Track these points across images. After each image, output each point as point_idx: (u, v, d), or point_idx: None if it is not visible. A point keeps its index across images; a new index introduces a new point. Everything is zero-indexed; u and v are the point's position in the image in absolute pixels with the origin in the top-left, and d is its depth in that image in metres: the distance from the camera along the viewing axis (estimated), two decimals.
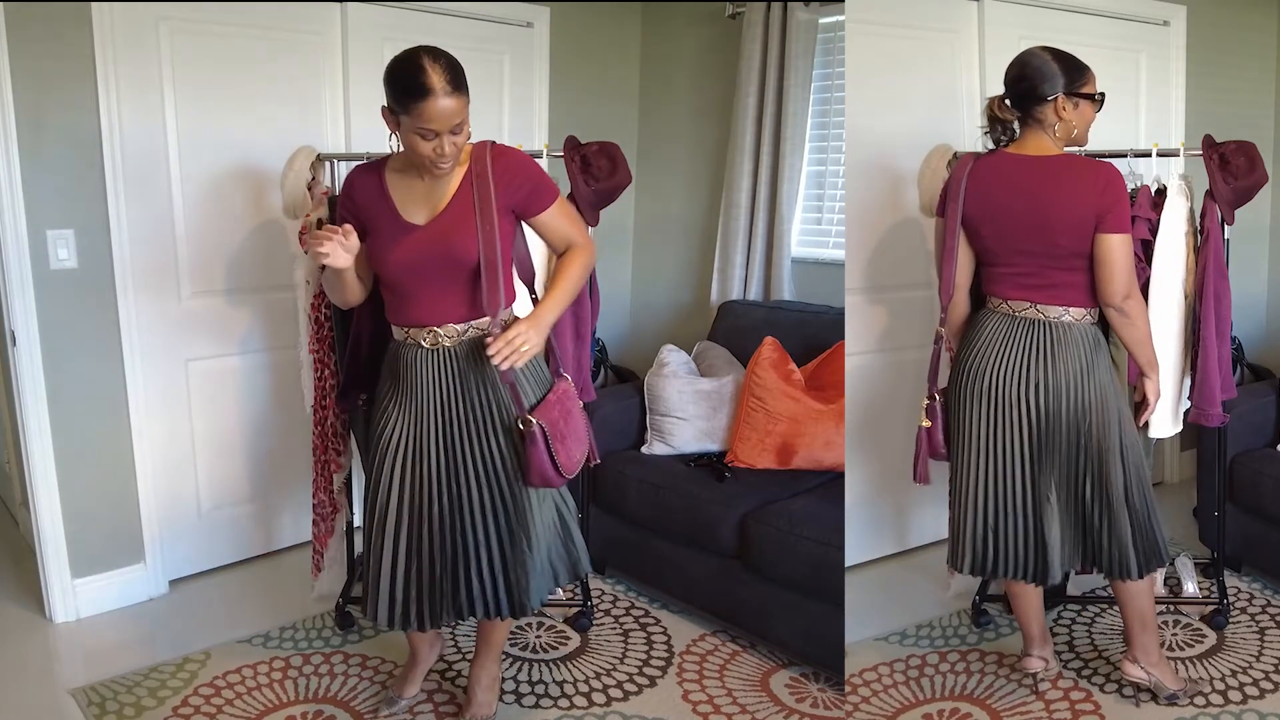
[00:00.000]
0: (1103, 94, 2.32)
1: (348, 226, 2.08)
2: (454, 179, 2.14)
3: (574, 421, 2.26)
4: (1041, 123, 2.29)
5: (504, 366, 2.05)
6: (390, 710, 2.56)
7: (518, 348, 2.05)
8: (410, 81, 1.94)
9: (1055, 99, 2.26)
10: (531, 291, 2.36)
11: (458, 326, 2.18)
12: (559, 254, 2.29)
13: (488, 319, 2.15)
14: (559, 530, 2.37)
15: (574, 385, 2.36)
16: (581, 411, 2.33)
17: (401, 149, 2.10)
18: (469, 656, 2.78)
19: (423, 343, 2.20)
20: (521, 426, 2.15)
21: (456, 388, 2.20)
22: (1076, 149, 2.41)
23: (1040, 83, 2.27)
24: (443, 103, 1.94)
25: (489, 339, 2.07)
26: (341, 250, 2.06)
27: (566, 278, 2.22)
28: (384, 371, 2.32)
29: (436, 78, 1.94)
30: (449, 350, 2.19)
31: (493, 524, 2.24)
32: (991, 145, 2.41)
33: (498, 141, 2.19)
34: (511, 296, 2.21)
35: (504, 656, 2.87)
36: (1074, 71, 2.27)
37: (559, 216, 2.24)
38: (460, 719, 2.54)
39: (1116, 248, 2.23)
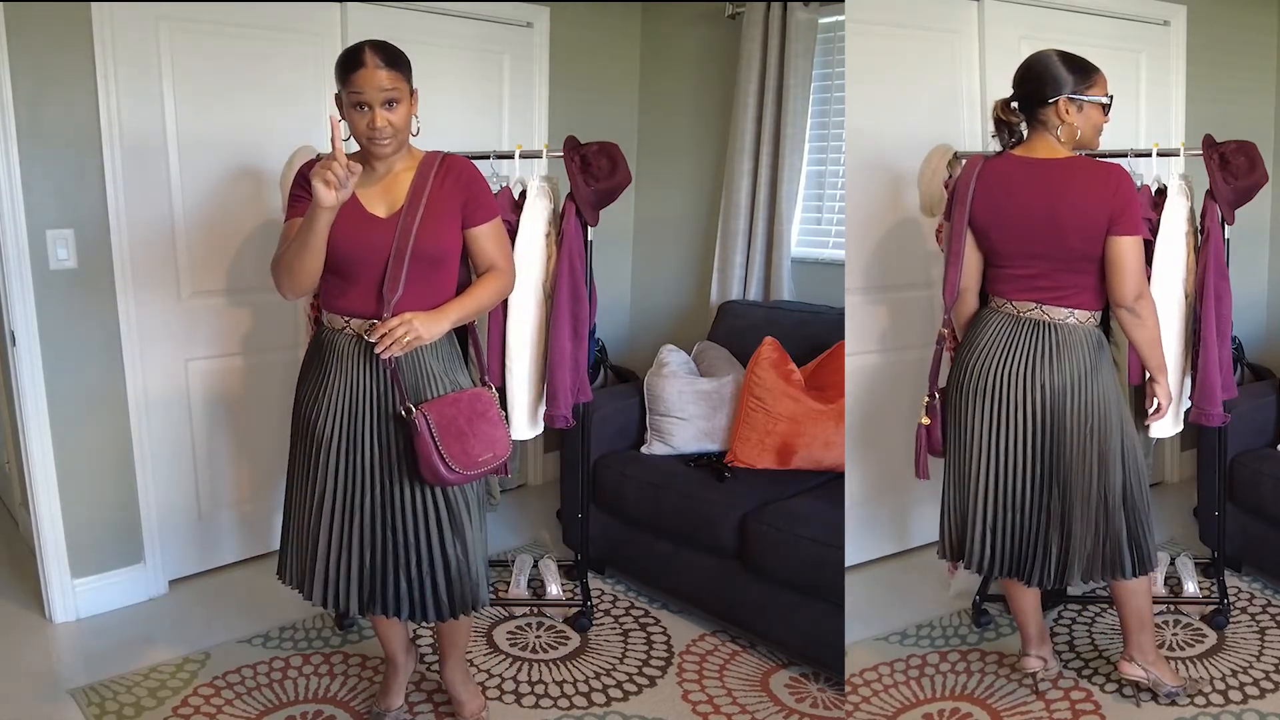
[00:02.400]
0: (1110, 99, 2.30)
1: (356, 165, 2.03)
2: (408, 177, 2.19)
3: (482, 426, 2.23)
4: (1045, 125, 2.29)
5: (382, 354, 2.09)
6: None
7: (397, 337, 2.09)
8: (347, 57, 2.09)
9: (1057, 102, 2.26)
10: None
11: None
12: (479, 273, 2.30)
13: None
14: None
15: (497, 398, 2.33)
16: (503, 425, 2.29)
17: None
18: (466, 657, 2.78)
19: (363, 334, 2.18)
20: (403, 414, 2.15)
21: (391, 382, 2.19)
22: (1084, 152, 2.41)
23: (1043, 85, 2.27)
24: (373, 72, 2.05)
25: (372, 325, 2.13)
26: (341, 192, 2.01)
27: (477, 294, 2.25)
28: (309, 357, 2.31)
29: (369, 53, 2.07)
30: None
31: (423, 522, 2.24)
32: (999, 148, 2.41)
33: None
34: (449, 292, 2.25)
35: (504, 656, 2.87)
36: (1079, 75, 2.27)
37: (491, 237, 2.27)
38: None
39: (1128, 250, 2.24)
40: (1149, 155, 2.74)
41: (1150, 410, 2.49)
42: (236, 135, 3.20)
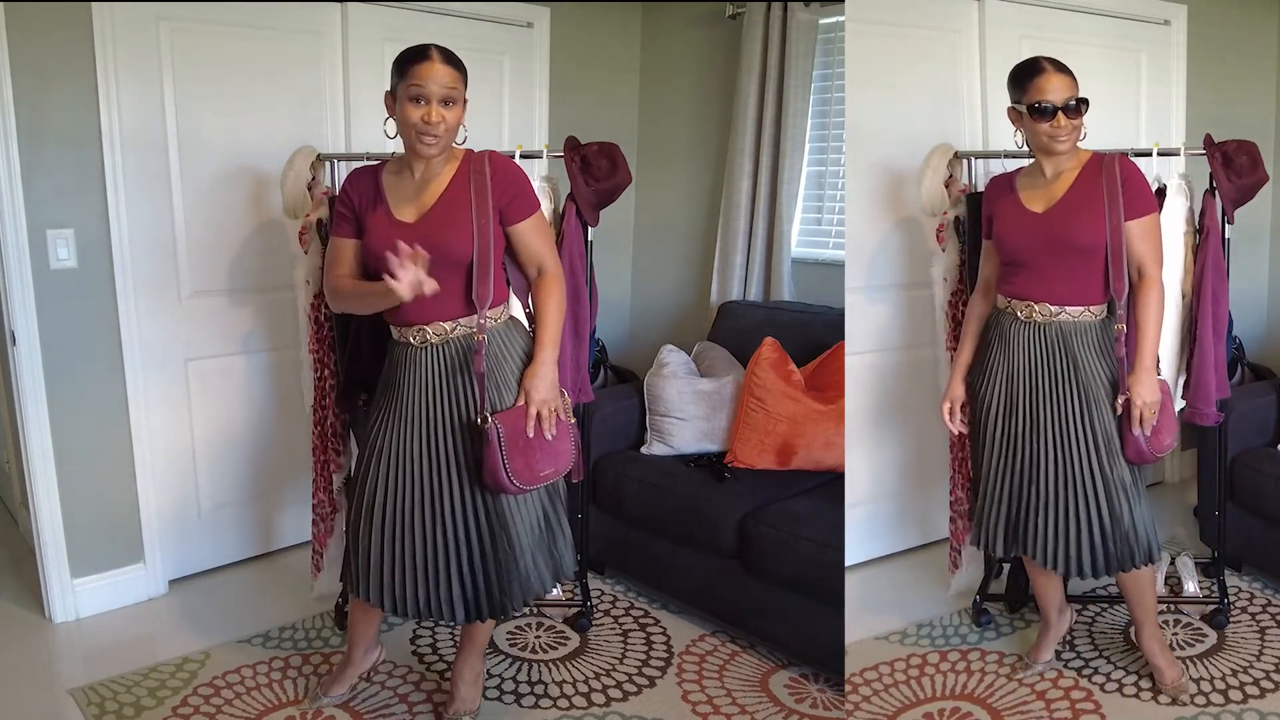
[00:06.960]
0: (1041, 105, 2.27)
1: (422, 253, 2.02)
2: (443, 179, 2.19)
3: (547, 440, 2.23)
4: None
5: (550, 436, 2.20)
6: (313, 704, 2.57)
7: (547, 415, 2.19)
8: (409, 52, 2.12)
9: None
10: (526, 307, 2.37)
11: (445, 325, 2.20)
12: (529, 276, 2.31)
13: (475, 317, 2.19)
14: (543, 533, 2.35)
15: (569, 403, 2.32)
16: (570, 433, 2.29)
17: (401, 152, 2.17)
18: None
19: (412, 341, 2.22)
20: (480, 423, 2.16)
21: (443, 386, 2.21)
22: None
23: None
24: (436, 66, 2.08)
25: (477, 347, 2.17)
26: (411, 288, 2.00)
27: (553, 319, 2.25)
28: (384, 371, 2.33)
29: (433, 49, 2.11)
30: (437, 349, 2.21)
31: (472, 523, 2.24)
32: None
33: (500, 144, 2.24)
34: (503, 295, 2.26)
35: (504, 657, 2.87)
36: (1013, 82, 2.35)
37: (535, 232, 2.26)
38: (445, 714, 2.55)
39: None
40: (1149, 155, 2.74)
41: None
42: (236, 135, 3.20)
